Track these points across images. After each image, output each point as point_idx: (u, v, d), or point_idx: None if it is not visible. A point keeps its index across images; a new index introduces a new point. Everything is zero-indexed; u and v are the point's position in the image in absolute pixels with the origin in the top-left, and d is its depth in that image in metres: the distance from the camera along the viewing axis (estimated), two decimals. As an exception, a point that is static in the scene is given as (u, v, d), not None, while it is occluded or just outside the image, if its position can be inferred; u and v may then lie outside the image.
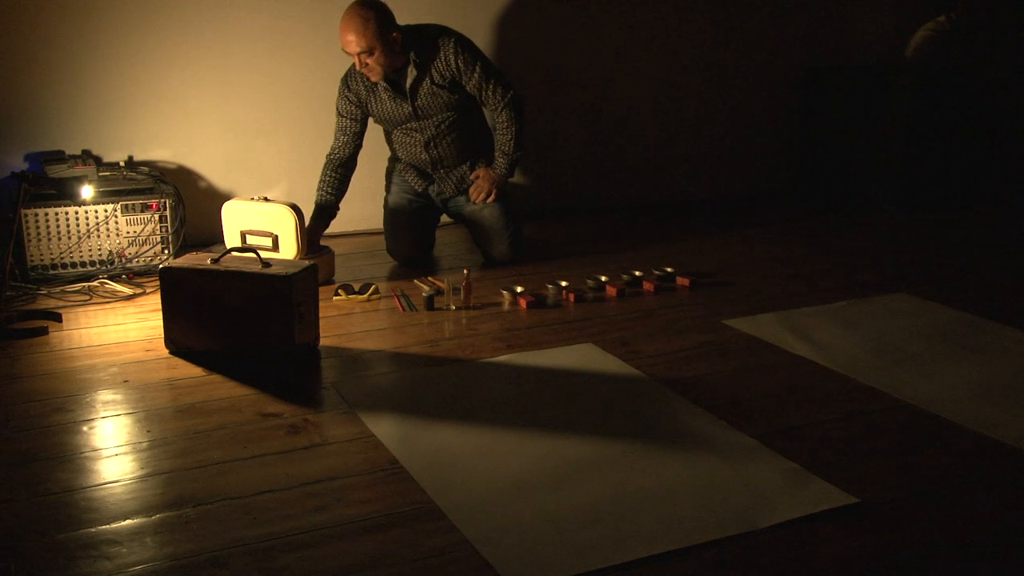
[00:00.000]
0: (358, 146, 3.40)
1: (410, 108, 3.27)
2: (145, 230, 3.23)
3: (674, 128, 4.49)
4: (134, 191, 3.23)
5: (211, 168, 3.68)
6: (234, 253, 2.58)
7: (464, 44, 3.24)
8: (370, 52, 3.09)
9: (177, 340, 2.55)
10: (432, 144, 3.35)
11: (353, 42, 3.07)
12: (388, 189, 3.54)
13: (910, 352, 2.62)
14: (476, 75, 3.23)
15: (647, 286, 3.17)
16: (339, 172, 3.36)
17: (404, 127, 3.34)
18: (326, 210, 3.35)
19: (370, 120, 3.42)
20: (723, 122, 4.59)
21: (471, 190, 3.39)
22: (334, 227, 3.90)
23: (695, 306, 3.02)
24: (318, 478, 1.90)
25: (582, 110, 4.27)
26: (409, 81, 3.22)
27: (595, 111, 4.29)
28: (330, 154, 3.38)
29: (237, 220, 3.14)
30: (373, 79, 3.19)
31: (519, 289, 3.07)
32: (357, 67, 3.17)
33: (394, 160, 3.53)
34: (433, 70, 3.22)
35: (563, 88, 4.20)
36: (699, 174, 4.62)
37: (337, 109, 3.37)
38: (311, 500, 1.81)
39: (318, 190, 3.36)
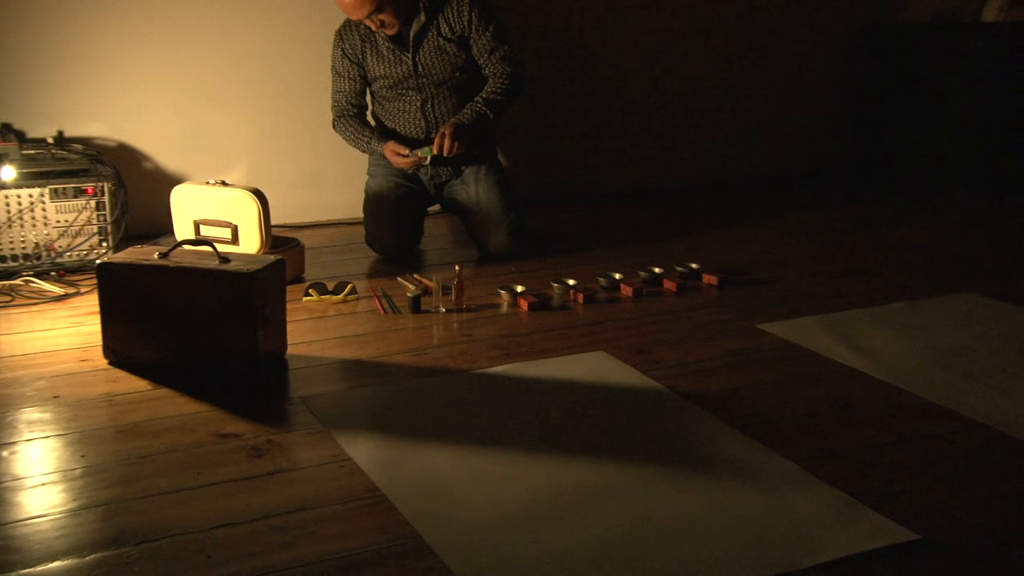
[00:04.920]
0: (362, 107, 3.52)
1: (410, 62, 3.35)
2: (79, 219, 3.24)
3: (703, 100, 4.50)
4: (65, 173, 3.24)
5: (158, 146, 3.69)
6: (186, 246, 2.59)
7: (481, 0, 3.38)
8: (380, 10, 3.20)
9: (118, 348, 2.55)
10: (430, 105, 3.41)
11: (358, 7, 3.18)
12: (371, 172, 3.56)
13: (982, 362, 2.63)
14: (488, 35, 3.36)
15: (668, 285, 3.18)
16: (360, 116, 3.50)
17: (400, 88, 3.41)
18: (386, 131, 3.46)
19: None
20: (762, 92, 4.60)
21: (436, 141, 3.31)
22: (303, 216, 3.92)
23: (725, 308, 3.03)
24: (285, 509, 1.91)
25: (594, 80, 4.28)
26: (414, 30, 3.32)
27: (609, 81, 4.30)
28: (336, 116, 3.49)
29: (189, 207, 3.15)
30: (391, 33, 3.31)
31: (520, 288, 3.08)
32: (374, 28, 3.28)
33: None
34: (442, 21, 3.34)
35: (572, 52, 4.21)
36: (732, 153, 4.63)
37: (333, 67, 3.48)
38: (277, 535, 1.82)
39: (358, 137, 3.45)
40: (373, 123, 3.57)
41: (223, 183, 3.15)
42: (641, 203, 4.34)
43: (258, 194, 3.10)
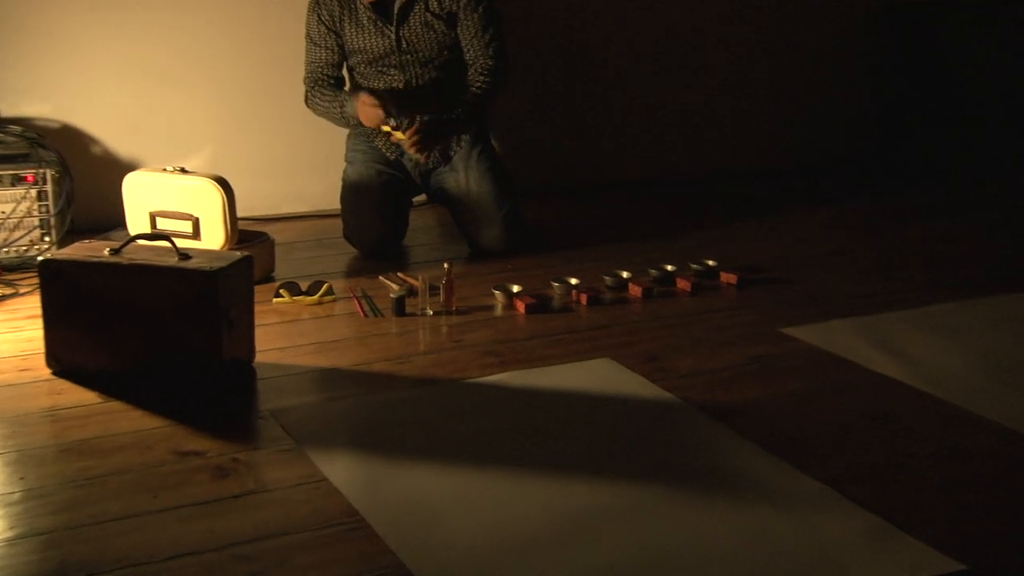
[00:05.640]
0: (339, 79, 3.51)
1: (393, 37, 3.35)
2: (17, 210, 3.23)
3: (716, 80, 4.50)
4: (1, 158, 3.23)
5: (108, 128, 3.68)
6: (141, 242, 2.58)
7: None
8: None
9: (63, 356, 2.54)
10: (413, 86, 3.41)
11: None
12: (349, 158, 3.55)
13: (1032, 371, 2.63)
14: (477, 16, 3.37)
15: (682, 284, 3.19)
16: (337, 86, 3.49)
17: (380, 65, 3.41)
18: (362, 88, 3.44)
19: None
20: (782, 71, 4.60)
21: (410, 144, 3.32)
22: (274, 208, 3.91)
23: (744, 310, 3.03)
24: (252, 536, 1.90)
25: (597, 59, 4.28)
26: (400, 1, 3.31)
27: (613, 60, 4.30)
28: (309, 88, 3.48)
29: (144, 197, 3.14)
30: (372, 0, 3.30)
31: (516, 288, 3.07)
32: None
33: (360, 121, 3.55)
34: None
35: (572, 30, 4.21)
36: (749, 139, 4.63)
37: (308, 34, 3.47)
38: (243, 565, 1.81)
39: (331, 105, 3.42)
40: None
41: (182, 170, 3.15)
42: (650, 195, 4.33)
43: (222, 183, 3.09)
